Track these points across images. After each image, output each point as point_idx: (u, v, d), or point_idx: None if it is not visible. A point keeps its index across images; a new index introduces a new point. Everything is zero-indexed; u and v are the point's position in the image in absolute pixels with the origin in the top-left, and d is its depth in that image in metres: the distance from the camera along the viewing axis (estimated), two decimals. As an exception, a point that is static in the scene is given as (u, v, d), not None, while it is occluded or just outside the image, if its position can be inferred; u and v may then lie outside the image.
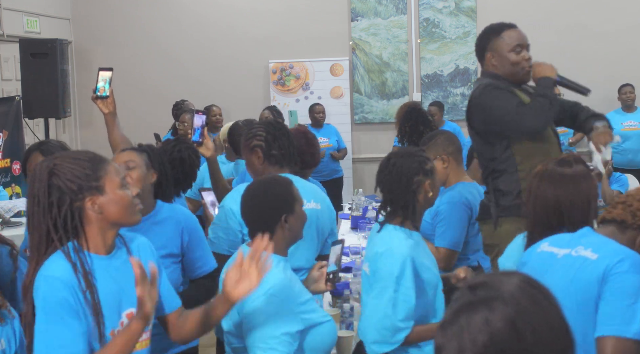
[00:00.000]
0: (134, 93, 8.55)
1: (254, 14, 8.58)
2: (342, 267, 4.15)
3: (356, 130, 8.63)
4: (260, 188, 2.50)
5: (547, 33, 8.08)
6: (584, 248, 2.16)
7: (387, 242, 2.60)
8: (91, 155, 2.07)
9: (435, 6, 8.43)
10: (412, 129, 4.59)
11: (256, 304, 2.30)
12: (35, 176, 2.02)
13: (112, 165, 2.08)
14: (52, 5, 8.25)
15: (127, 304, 2.07)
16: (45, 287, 1.96)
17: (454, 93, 8.41)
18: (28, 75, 6.36)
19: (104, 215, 2.02)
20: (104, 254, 2.07)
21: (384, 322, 2.55)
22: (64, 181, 1.98)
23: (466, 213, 3.49)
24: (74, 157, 2.04)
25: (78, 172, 1.99)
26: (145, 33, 8.69)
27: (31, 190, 2.03)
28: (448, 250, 3.43)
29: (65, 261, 1.98)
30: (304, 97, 8.52)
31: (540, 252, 2.29)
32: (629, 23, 8.13)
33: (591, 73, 8.21)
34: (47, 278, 1.97)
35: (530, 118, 3.18)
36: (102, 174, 2.02)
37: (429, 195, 2.64)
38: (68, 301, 1.95)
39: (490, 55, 3.36)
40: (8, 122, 6.43)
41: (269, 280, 2.30)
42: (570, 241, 2.23)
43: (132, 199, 2.08)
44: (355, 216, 5.37)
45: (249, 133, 3.12)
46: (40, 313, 1.97)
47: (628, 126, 7.64)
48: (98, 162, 2.04)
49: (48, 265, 1.99)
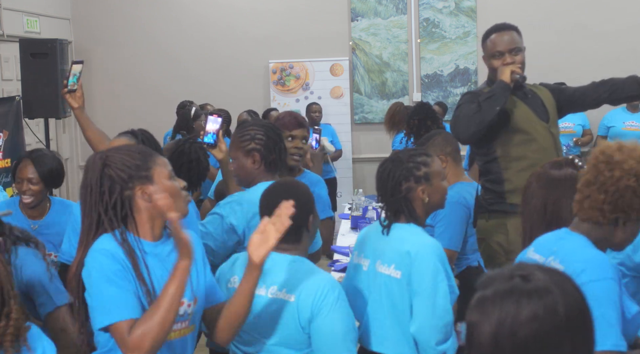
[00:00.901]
0: (134, 93, 8.55)
1: (254, 14, 8.58)
2: (342, 267, 4.16)
3: (356, 130, 8.63)
4: (287, 191, 2.41)
5: (547, 33, 8.09)
6: (553, 259, 2.13)
7: (415, 241, 2.53)
8: (142, 148, 2.20)
9: (435, 6, 8.43)
10: (420, 123, 4.61)
11: (333, 312, 2.29)
12: (88, 167, 2.14)
13: (161, 158, 2.18)
14: (52, 5, 8.25)
15: None
16: (98, 259, 2.05)
17: (454, 93, 8.41)
18: (28, 75, 6.35)
19: (152, 203, 2.11)
20: (152, 241, 2.15)
21: (445, 318, 2.47)
22: (116, 171, 2.10)
23: (465, 213, 3.50)
24: (126, 149, 2.18)
25: (129, 162, 2.11)
26: (145, 33, 8.69)
27: (84, 180, 2.14)
28: (447, 249, 3.42)
29: (114, 242, 2.08)
30: (304, 97, 8.52)
31: (527, 259, 2.28)
32: (629, 23, 8.13)
33: (591, 73, 8.20)
34: (100, 251, 2.06)
35: (462, 126, 3.30)
36: (152, 165, 2.13)
37: (425, 201, 2.58)
38: (120, 270, 2.04)
39: (484, 57, 3.50)
40: (8, 122, 6.42)
41: (334, 285, 2.33)
42: (549, 247, 2.20)
43: (180, 190, 2.17)
44: (355, 216, 5.37)
45: (246, 134, 2.99)
46: (95, 282, 2.04)
47: (629, 126, 7.64)
48: (148, 154, 2.16)
49: (98, 242, 2.09)
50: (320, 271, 2.38)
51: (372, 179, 2.76)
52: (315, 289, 2.30)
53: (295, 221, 2.35)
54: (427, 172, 2.59)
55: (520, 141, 3.33)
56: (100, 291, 2.02)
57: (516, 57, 3.36)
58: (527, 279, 1.24)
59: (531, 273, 1.26)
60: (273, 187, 2.51)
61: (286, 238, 2.28)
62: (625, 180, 2.03)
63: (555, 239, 2.21)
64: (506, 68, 3.31)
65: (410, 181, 2.57)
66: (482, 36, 3.48)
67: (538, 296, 1.22)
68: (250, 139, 2.97)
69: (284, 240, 2.33)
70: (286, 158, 3.08)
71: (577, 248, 2.11)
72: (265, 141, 2.95)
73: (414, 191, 2.57)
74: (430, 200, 2.60)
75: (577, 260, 2.06)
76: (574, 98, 3.52)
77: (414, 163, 2.59)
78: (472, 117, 3.23)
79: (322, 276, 2.35)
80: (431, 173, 2.60)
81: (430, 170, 2.60)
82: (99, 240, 2.09)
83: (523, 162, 3.28)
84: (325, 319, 2.27)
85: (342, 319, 2.29)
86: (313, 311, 2.28)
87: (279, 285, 2.35)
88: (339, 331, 2.28)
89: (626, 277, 2.53)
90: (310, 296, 2.29)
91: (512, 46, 3.36)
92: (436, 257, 2.48)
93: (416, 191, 2.57)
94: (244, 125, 3.10)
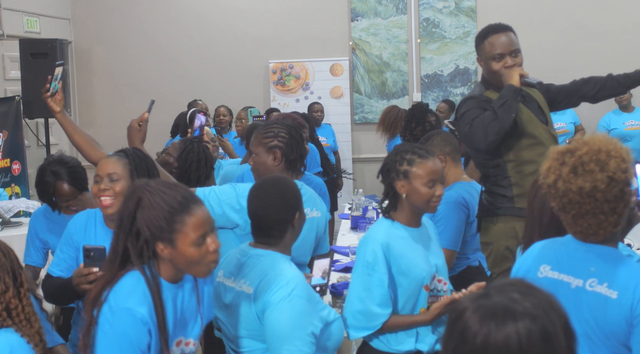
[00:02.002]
0: (134, 93, 8.55)
1: (254, 14, 8.58)
2: (342, 267, 4.17)
3: (356, 130, 8.63)
4: (276, 187, 2.50)
5: (547, 33, 8.08)
6: (597, 282, 2.04)
7: (370, 230, 2.73)
8: (179, 200, 2.03)
9: (435, 6, 8.43)
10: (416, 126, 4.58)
11: (282, 306, 2.30)
12: (127, 198, 2.07)
13: (194, 216, 2.02)
14: (52, 5, 8.25)
15: (180, 333, 2.12)
16: (119, 320, 1.98)
17: (454, 94, 8.41)
18: (28, 75, 6.36)
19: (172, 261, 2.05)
20: (173, 282, 2.10)
21: (358, 306, 2.59)
22: (142, 222, 2.01)
23: (463, 213, 3.50)
24: (161, 199, 2.03)
25: (155, 220, 2.00)
26: (145, 33, 8.69)
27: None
28: (446, 250, 3.42)
29: (141, 286, 2.01)
30: (304, 97, 8.52)
31: (543, 278, 2.15)
32: (629, 23, 8.12)
33: (591, 74, 8.20)
34: (124, 311, 1.98)
35: (480, 135, 3.18)
36: (178, 228, 2.00)
37: (403, 196, 2.65)
38: (139, 340, 1.98)
39: (478, 59, 3.41)
40: (8, 122, 6.43)
41: (290, 281, 2.33)
42: (577, 266, 2.09)
43: (202, 258, 2.04)
44: (355, 216, 5.37)
45: (269, 131, 3.05)
46: (106, 342, 1.98)
47: (630, 126, 7.65)
48: (179, 212, 2.02)
49: (126, 293, 2.01)
50: (284, 268, 2.39)
51: (372, 179, 2.80)
52: (270, 283, 2.34)
53: (281, 216, 2.39)
54: (407, 170, 2.63)
55: (527, 145, 3.27)
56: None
57: (516, 58, 3.28)
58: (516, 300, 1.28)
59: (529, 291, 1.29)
60: (262, 183, 2.57)
61: (270, 232, 2.34)
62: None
63: (583, 256, 2.08)
64: (514, 72, 3.21)
65: (393, 173, 2.66)
66: (477, 37, 3.37)
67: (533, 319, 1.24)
68: (273, 136, 3.03)
69: (267, 234, 2.39)
70: (305, 159, 3.15)
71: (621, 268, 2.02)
72: (288, 139, 3.03)
73: (396, 183, 2.65)
74: (410, 199, 2.65)
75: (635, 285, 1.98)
76: (560, 97, 3.51)
77: (400, 158, 2.65)
78: (489, 125, 3.14)
79: (283, 272, 2.37)
80: (412, 173, 2.63)
81: (412, 169, 2.63)
82: (125, 282, 2.03)
83: (532, 165, 3.19)
84: (272, 313, 2.31)
85: (291, 315, 2.29)
86: (264, 304, 2.33)
87: (245, 278, 2.43)
88: (283, 326, 2.29)
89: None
90: (264, 289, 2.34)
91: (512, 48, 3.28)
92: (372, 250, 2.61)
93: (396, 184, 2.65)
94: (268, 122, 3.14)
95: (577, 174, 1.96)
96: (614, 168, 1.94)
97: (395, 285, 2.61)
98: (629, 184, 1.97)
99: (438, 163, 2.68)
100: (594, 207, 1.95)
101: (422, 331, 2.66)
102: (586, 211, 1.97)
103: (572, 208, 1.98)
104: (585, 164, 1.95)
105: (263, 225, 2.48)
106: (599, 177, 1.93)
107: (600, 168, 1.94)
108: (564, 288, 2.06)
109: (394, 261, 2.60)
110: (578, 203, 1.96)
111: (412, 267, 2.62)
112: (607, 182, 1.93)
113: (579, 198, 1.96)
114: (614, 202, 1.95)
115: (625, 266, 2.00)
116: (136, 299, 2.00)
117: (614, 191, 1.94)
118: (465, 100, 3.36)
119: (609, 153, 1.96)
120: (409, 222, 2.69)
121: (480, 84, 3.47)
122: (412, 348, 2.65)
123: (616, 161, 1.95)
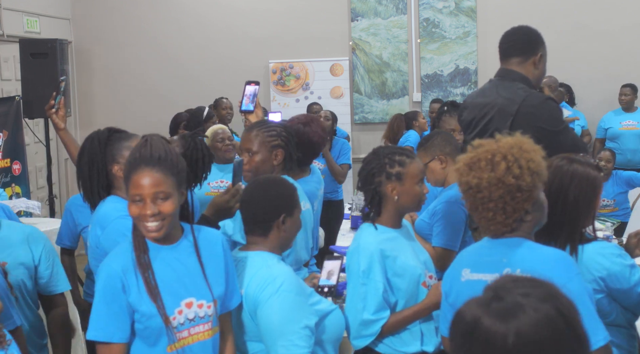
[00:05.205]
0: (133, 94, 8.56)
1: (254, 14, 8.59)
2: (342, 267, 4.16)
3: (356, 130, 8.63)
4: (266, 184, 2.52)
5: (547, 33, 7.98)
6: (511, 270, 2.15)
7: (356, 240, 2.67)
8: (135, 157, 2.19)
9: (435, 6, 8.43)
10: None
11: (270, 302, 2.30)
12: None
13: (137, 176, 2.15)
14: (52, 5, 8.25)
15: (186, 294, 2.15)
16: (105, 274, 2.15)
17: (454, 94, 8.41)
18: (28, 75, 6.35)
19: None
20: (168, 244, 2.18)
21: (357, 317, 2.59)
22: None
23: (463, 213, 3.49)
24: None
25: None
26: (145, 33, 8.69)
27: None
28: (444, 249, 3.43)
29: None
30: (304, 97, 8.52)
31: (465, 282, 2.26)
32: (629, 23, 8.12)
33: (591, 73, 8.21)
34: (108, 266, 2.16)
35: (578, 140, 3.29)
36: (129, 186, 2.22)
37: (394, 199, 2.63)
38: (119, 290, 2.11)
39: (539, 57, 3.34)
40: (8, 122, 6.43)
41: (277, 277, 2.33)
42: (491, 262, 2.19)
43: (137, 219, 2.18)
44: (355, 216, 5.37)
45: (272, 130, 3.05)
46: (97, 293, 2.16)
47: (626, 125, 7.63)
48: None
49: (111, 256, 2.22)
50: (271, 265, 2.40)
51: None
52: (258, 281, 2.34)
53: (262, 215, 2.39)
54: (400, 172, 2.63)
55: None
56: (97, 307, 2.14)
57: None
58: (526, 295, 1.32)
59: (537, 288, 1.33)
60: (255, 181, 2.59)
61: (253, 230, 2.35)
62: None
63: (493, 251, 2.18)
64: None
65: (382, 176, 2.63)
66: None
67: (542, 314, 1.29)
68: (276, 135, 3.03)
69: (251, 232, 2.38)
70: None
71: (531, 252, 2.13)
72: (290, 140, 3.06)
73: (383, 187, 2.63)
74: (401, 200, 2.64)
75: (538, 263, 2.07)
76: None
77: (390, 160, 2.64)
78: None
79: (270, 269, 2.37)
80: (405, 174, 2.63)
81: (404, 170, 2.64)
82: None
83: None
84: (263, 311, 2.31)
85: (281, 310, 2.30)
86: (255, 302, 2.33)
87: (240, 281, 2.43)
88: (275, 322, 2.29)
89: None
90: (253, 287, 2.35)
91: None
92: (365, 258, 2.60)
93: (386, 187, 2.63)
94: (266, 122, 3.16)
95: (471, 169, 2.10)
96: (502, 171, 2.05)
97: (393, 288, 2.61)
98: (522, 190, 2.06)
99: (421, 162, 2.77)
100: (481, 203, 2.09)
101: (427, 332, 2.66)
102: (475, 206, 2.12)
103: (467, 200, 2.15)
104: (480, 161, 2.09)
105: (246, 222, 2.50)
106: (485, 175, 2.06)
107: (491, 169, 2.06)
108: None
109: (389, 265, 2.60)
110: (471, 196, 2.11)
111: (407, 267, 2.63)
112: (494, 183, 2.05)
113: (468, 191, 2.11)
114: (500, 203, 2.07)
115: (526, 248, 2.11)
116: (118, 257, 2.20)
117: (498, 193, 2.06)
118: (552, 104, 3.24)
119: (506, 157, 2.06)
120: (394, 224, 2.70)
121: (520, 81, 3.29)
122: (418, 349, 2.64)
123: (510, 166, 2.05)
